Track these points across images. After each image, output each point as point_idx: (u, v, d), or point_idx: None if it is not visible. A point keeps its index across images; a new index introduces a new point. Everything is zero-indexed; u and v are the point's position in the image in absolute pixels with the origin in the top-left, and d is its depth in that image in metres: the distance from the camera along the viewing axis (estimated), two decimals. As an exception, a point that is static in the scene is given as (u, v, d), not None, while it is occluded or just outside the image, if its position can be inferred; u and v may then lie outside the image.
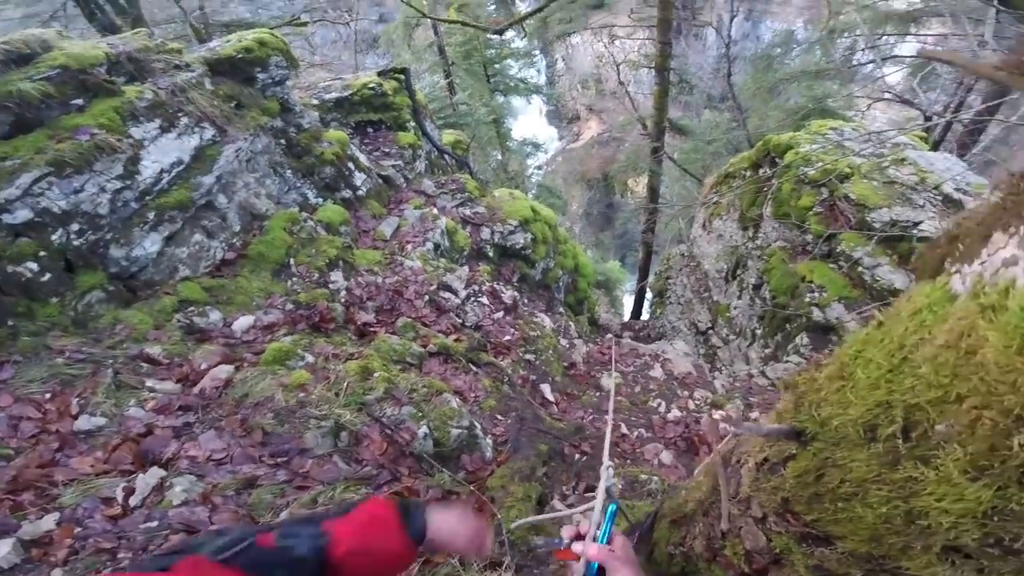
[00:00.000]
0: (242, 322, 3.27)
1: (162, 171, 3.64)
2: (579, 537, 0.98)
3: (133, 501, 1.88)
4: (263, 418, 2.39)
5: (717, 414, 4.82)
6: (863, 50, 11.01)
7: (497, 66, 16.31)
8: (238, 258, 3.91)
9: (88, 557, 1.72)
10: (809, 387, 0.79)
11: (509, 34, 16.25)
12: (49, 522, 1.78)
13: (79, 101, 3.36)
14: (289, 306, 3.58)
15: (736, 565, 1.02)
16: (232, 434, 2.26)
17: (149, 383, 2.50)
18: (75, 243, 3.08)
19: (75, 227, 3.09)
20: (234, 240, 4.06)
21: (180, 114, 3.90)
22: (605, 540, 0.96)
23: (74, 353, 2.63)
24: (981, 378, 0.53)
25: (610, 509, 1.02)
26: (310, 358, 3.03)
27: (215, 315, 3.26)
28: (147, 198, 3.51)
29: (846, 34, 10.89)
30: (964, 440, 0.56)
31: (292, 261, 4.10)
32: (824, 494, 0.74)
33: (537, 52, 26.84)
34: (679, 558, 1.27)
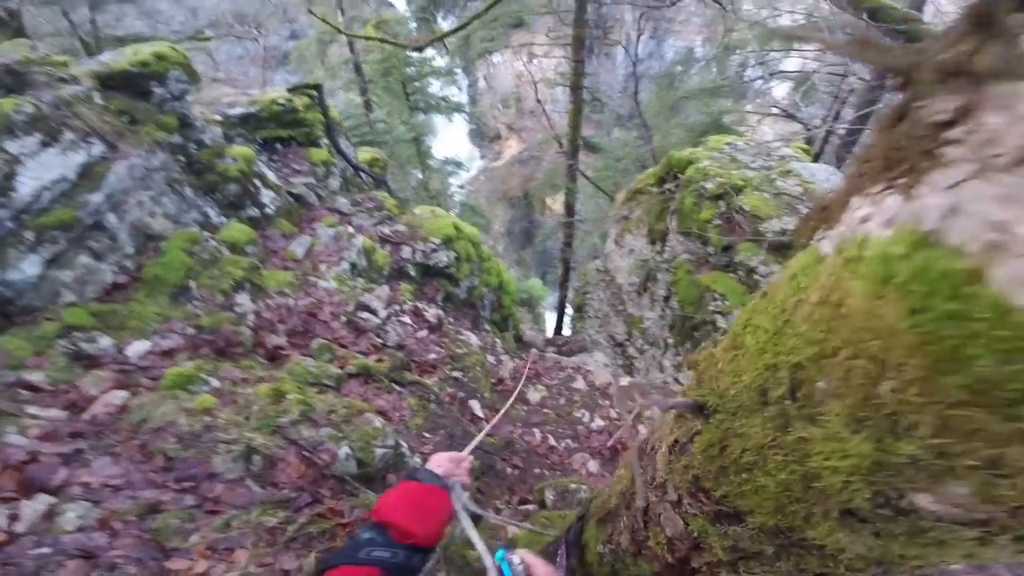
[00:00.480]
0: (137, 347, 3.12)
1: (43, 188, 3.43)
2: None
3: (19, 528, 1.79)
4: (165, 443, 2.32)
5: (625, 380, 5.11)
6: (753, 66, 12.18)
7: (417, 84, 16.43)
8: (131, 281, 3.72)
9: (-28, 585, 1.62)
10: (708, 363, 0.83)
11: (430, 52, 16.49)
12: None
13: None
14: (190, 331, 3.46)
15: (660, 555, 1.04)
16: (131, 459, 2.18)
17: (31, 410, 2.35)
18: None
19: None
20: (126, 263, 3.86)
21: (64, 128, 3.70)
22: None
23: (-62, 385, 2.42)
24: (850, 328, 0.56)
25: (498, 555, 1.02)
26: (216, 383, 2.96)
27: (105, 341, 3.10)
28: (24, 217, 3.29)
29: (738, 51, 11.95)
30: (841, 393, 0.57)
31: (193, 284, 3.95)
32: (728, 466, 0.75)
33: (459, 70, 27.30)
34: (608, 556, 1.30)
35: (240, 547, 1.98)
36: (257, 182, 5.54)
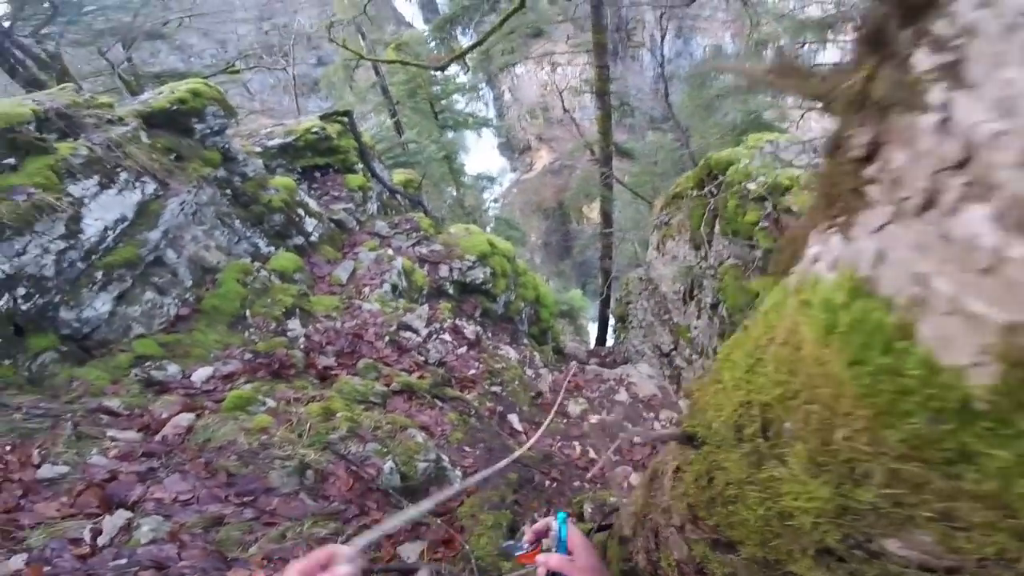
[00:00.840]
0: (201, 373, 3.41)
1: (106, 228, 3.68)
2: (541, 537, 1.06)
3: (101, 541, 2.01)
4: (227, 460, 2.55)
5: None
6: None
7: (444, 102, 16.79)
8: (192, 313, 4.05)
9: (58, 595, 1.84)
10: (701, 393, 0.83)
11: (452, 69, 16.92)
12: (18, 562, 1.87)
13: (11, 160, 3.34)
14: (248, 356, 3.74)
15: None
16: (197, 476, 2.41)
17: (110, 433, 2.63)
18: (23, 307, 3.10)
19: (21, 291, 3.11)
20: (187, 295, 4.16)
21: (119, 169, 3.92)
22: (564, 549, 1.01)
23: (31, 408, 2.73)
24: (806, 373, 0.55)
25: (560, 516, 1.05)
26: (271, 403, 3.20)
27: (173, 368, 3.40)
28: (93, 257, 3.55)
29: (770, 45, 11.67)
30: (803, 436, 0.57)
31: (248, 312, 4.26)
32: (716, 497, 0.76)
33: (483, 85, 27.74)
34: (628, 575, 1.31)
35: (293, 557, 2.16)
36: (300, 211, 5.87)
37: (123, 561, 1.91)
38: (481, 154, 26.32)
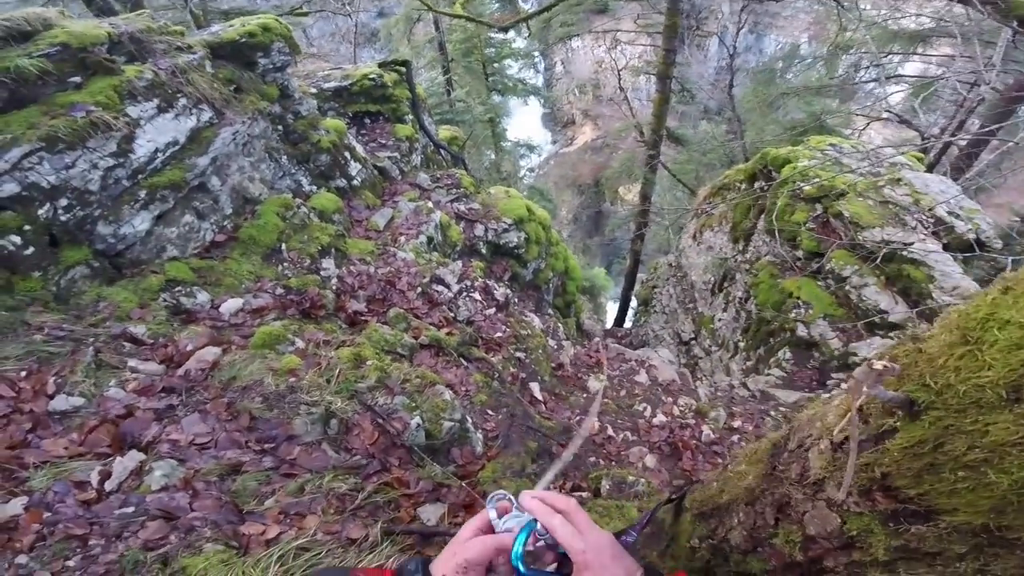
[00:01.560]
0: (230, 304, 3.18)
1: (156, 150, 3.56)
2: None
3: (109, 486, 1.79)
4: (251, 402, 2.31)
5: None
6: (867, 68, 11.12)
7: (496, 65, 16.28)
8: (228, 240, 3.81)
9: (57, 544, 1.62)
10: (914, 358, 0.77)
11: (511, 34, 16.25)
12: (16, 506, 1.68)
13: (77, 79, 3.29)
14: (279, 290, 3.49)
15: (786, 554, 1.00)
16: (217, 418, 2.18)
17: (131, 363, 2.40)
18: (62, 218, 2.99)
19: (63, 202, 3.00)
20: (225, 223, 3.97)
21: (179, 95, 3.84)
22: (521, 547, 0.82)
23: (54, 330, 2.52)
24: None
25: (528, 524, 0.87)
26: (300, 344, 2.95)
27: (203, 296, 3.17)
28: (139, 176, 3.43)
29: (851, 51, 10.98)
30: None
31: (283, 246, 4.01)
32: (943, 463, 0.73)
33: (537, 54, 26.85)
34: (704, 551, 1.26)
35: (311, 513, 1.92)
36: (347, 154, 5.58)
37: (130, 509, 1.69)
38: (524, 122, 25.63)
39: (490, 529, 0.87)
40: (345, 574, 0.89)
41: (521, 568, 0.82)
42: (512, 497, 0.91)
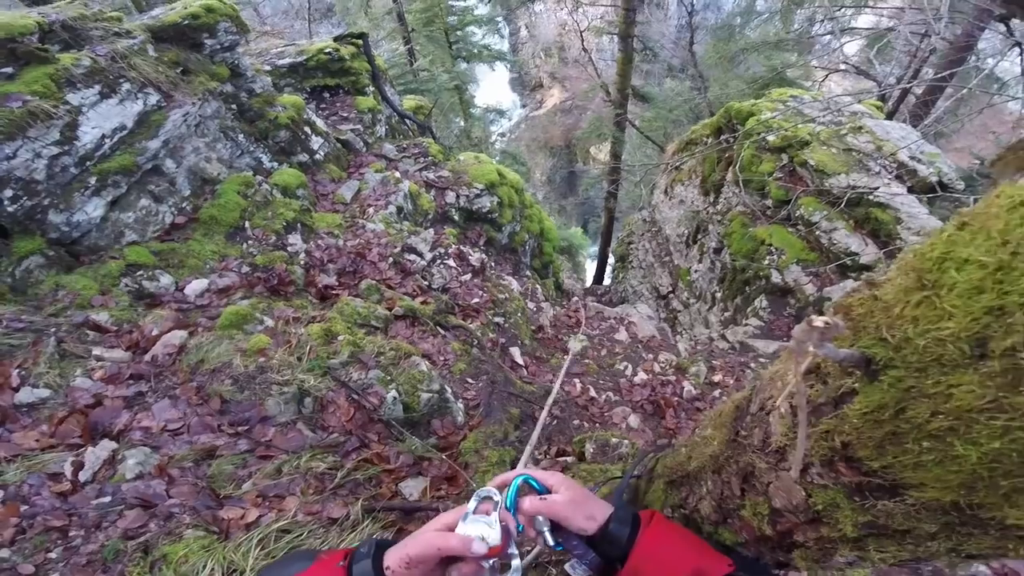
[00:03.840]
0: (195, 286, 3.07)
1: (103, 136, 3.44)
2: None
3: (83, 476, 1.74)
4: (221, 385, 2.25)
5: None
6: (821, 21, 11.09)
7: (459, 33, 15.77)
8: (189, 222, 3.66)
9: (37, 536, 1.59)
10: (870, 307, 0.68)
11: (471, 0, 15.70)
12: None
13: (8, 70, 3.16)
14: (245, 269, 3.39)
15: (755, 527, 0.92)
16: (188, 402, 2.12)
17: (96, 351, 2.31)
18: (9, 209, 2.87)
19: (8, 193, 2.88)
20: (184, 204, 3.84)
21: (121, 80, 3.69)
22: (511, 503, 0.89)
23: (12, 322, 2.41)
24: None
25: (514, 480, 0.93)
26: (269, 322, 2.88)
27: (166, 279, 3.05)
28: (88, 163, 3.30)
29: (805, 5, 10.89)
30: None
31: (247, 224, 3.87)
32: (906, 432, 0.64)
33: (500, 19, 26.10)
34: (677, 520, 1.17)
35: (290, 494, 1.90)
36: (307, 129, 5.39)
37: (107, 499, 1.65)
38: (492, 88, 25.07)
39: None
40: (312, 556, 0.87)
41: (513, 510, 0.88)
42: (495, 494, 0.90)
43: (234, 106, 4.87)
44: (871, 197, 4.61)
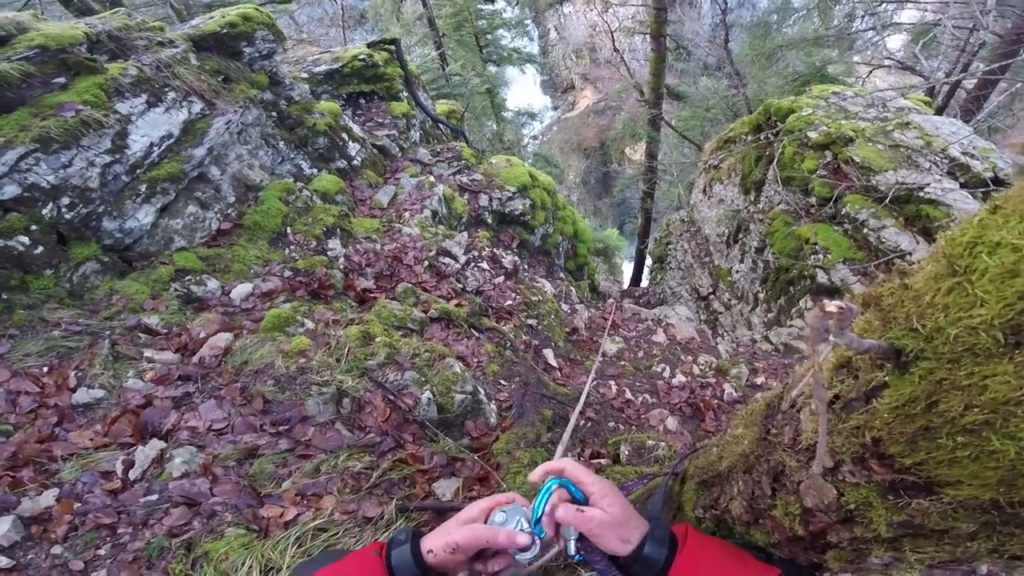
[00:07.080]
0: (240, 290, 3.17)
1: (152, 144, 3.57)
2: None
3: (133, 474, 1.81)
4: (263, 385, 2.30)
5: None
6: (862, 17, 10.67)
7: (489, 36, 15.88)
8: (234, 228, 3.79)
9: (88, 533, 1.66)
10: (900, 297, 0.65)
11: (500, 4, 15.79)
12: (49, 498, 1.71)
13: (61, 80, 3.29)
14: (287, 273, 3.47)
15: (786, 527, 0.89)
16: (232, 403, 2.17)
17: (147, 353, 2.41)
18: (67, 216, 3.02)
19: (65, 201, 3.02)
20: (229, 211, 3.97)
21: (167, 89, 3.82)
22: (541, 511, 0.88)
23: (70, 325, 2.53)
24: None
25: (548, 484, 0.92)
26: (310, 324, 2.94)
27: (212, 283, 3.16)
28: (138, 171, 3.44)
29: (844, 1, 10.50)
30: None
31: (289, 230, 3.98)
32: (939, 427, 0.61)
33: (529, 22, 26.13)
34: (709, 522, 1.15)
35: (327, 493, 1.92)
36: (344, 135, 5.51)
37: (154, 497, 1.71)
38: (523, 91, 25.11)
39: None
40: (343, 555, 0.88)
41: (537, 531, 0.87)
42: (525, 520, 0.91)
43: (274, 113, 5.01)
44: (922, 194, 4.38)
